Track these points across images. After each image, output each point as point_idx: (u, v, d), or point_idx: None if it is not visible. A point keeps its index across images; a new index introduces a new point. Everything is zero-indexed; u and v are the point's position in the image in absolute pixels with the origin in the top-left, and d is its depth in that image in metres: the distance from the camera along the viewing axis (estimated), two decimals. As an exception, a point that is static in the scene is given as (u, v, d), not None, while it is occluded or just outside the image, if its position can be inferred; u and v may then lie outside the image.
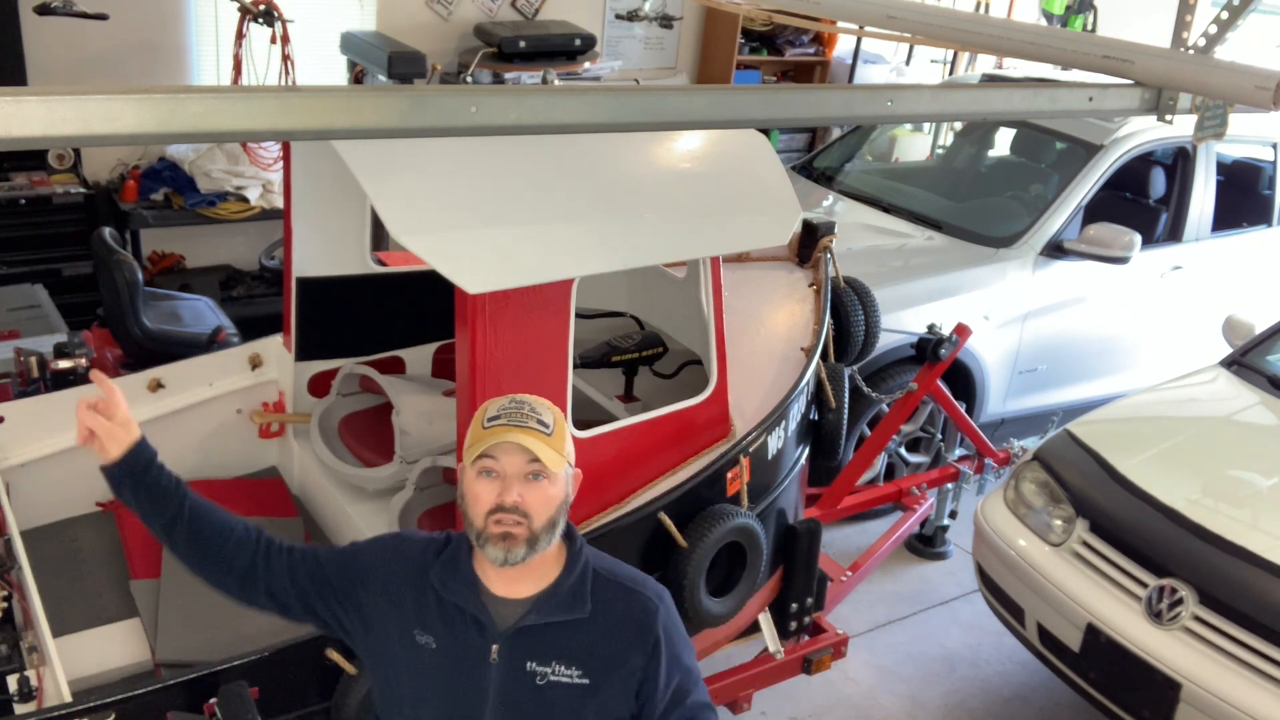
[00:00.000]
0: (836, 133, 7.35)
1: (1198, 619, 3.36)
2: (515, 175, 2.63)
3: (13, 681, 2.54)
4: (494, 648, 2.07)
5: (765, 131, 4.70)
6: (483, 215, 2.52)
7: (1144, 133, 5.64)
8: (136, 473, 2.10)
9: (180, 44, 6.19)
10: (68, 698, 2.44)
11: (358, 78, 6.22)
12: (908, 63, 9.03)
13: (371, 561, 2.18)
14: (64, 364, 3.71)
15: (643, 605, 2.13)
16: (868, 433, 4.94)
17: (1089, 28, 8.23)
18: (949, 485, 4.99)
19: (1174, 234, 5.91)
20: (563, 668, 2.07)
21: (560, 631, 2.09)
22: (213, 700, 2.38)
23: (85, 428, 2.08)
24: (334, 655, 2.55)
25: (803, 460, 3.78)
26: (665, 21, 7.81)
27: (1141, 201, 5.98)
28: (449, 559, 2.14)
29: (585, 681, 2.08)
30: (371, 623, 2.15)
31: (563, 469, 2.06)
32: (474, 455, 2.02)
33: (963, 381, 5.28)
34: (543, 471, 2.01)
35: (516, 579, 2.09)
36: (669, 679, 2.13)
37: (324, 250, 3.64)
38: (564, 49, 6.82)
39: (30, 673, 2.56)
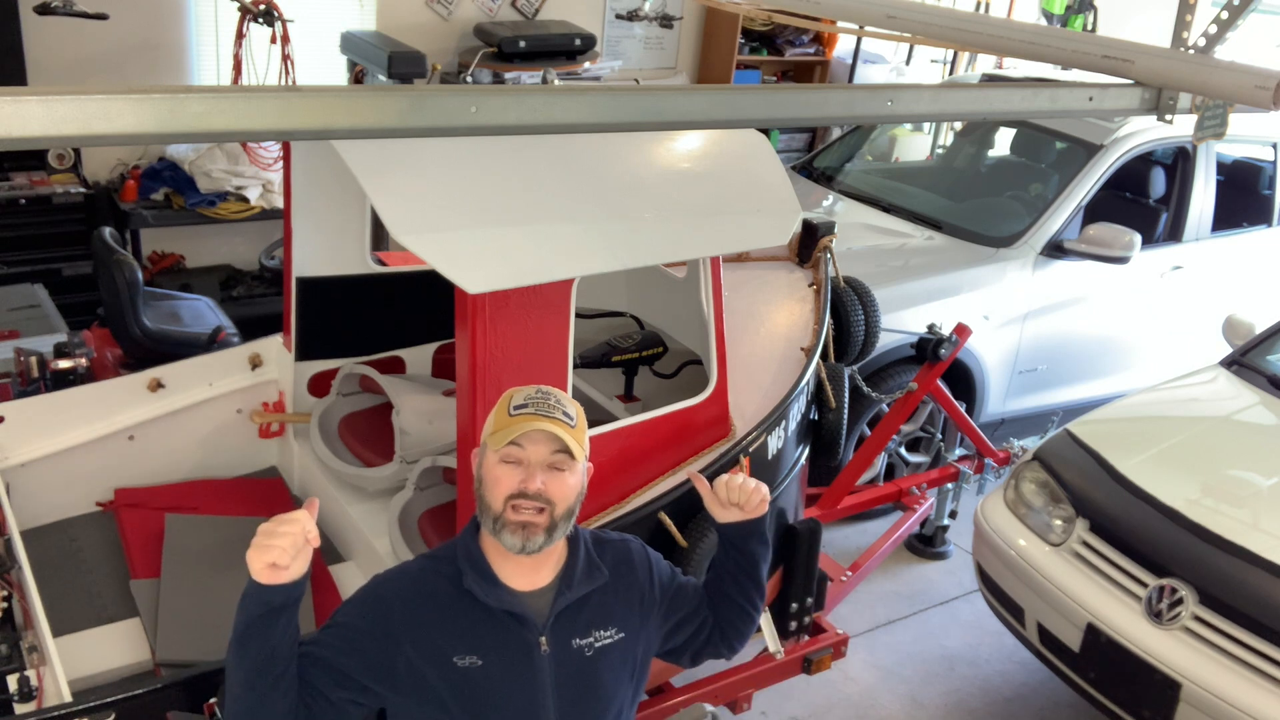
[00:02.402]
0: (836, 133, 7.35)
1: (1198, 619, 3.35)
2: (515, 175, 2.63)
3: (13, 681, 2.54)
4: (541, 640, 2.11)
5: (765, 131, 4.70)
6: (483, 215, 2.52)
7: (1144, 133, 5.64)
8: (292, 602, 1.94)
9: (180, 44, 6.19)
10: (68, 697, 2.44)
11: (358, 78, 6.22)
12: (908, 63, 9.03)
13: (381, 619, 2.06)
14: (64, 364, 3.72)
15: (636, 550, 2.32)
16: (868, 433, 4.93)
17: (1089, 27, 8.23)
18: (949, 485, 4.99)
19: (1174, 234, 5.91)
20: (601, 632, 2.18)
21: (590, 601, 2.18)
22: (213, 700, 2.38)
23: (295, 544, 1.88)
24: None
25: (803, 460, 3.78)
26: (665, 21, 7.81)
27: (1141, 201, 5.98)
28: (471, 566, 2.11)
29: (622, 635, 2.20)
30: (399, 680, 2.05)
31: (582, 460, 2.11)
32: (500, 442, 2.04)
33: (963, 381, 5.28)
34: (565, 462, 2.06)
35: (535, 568, 2.14)
36: (678, 578, 2.36)
37: (324, 250, 3.64)
38: (564, 49, 6.82)
39: (30, 672, 2.55)
